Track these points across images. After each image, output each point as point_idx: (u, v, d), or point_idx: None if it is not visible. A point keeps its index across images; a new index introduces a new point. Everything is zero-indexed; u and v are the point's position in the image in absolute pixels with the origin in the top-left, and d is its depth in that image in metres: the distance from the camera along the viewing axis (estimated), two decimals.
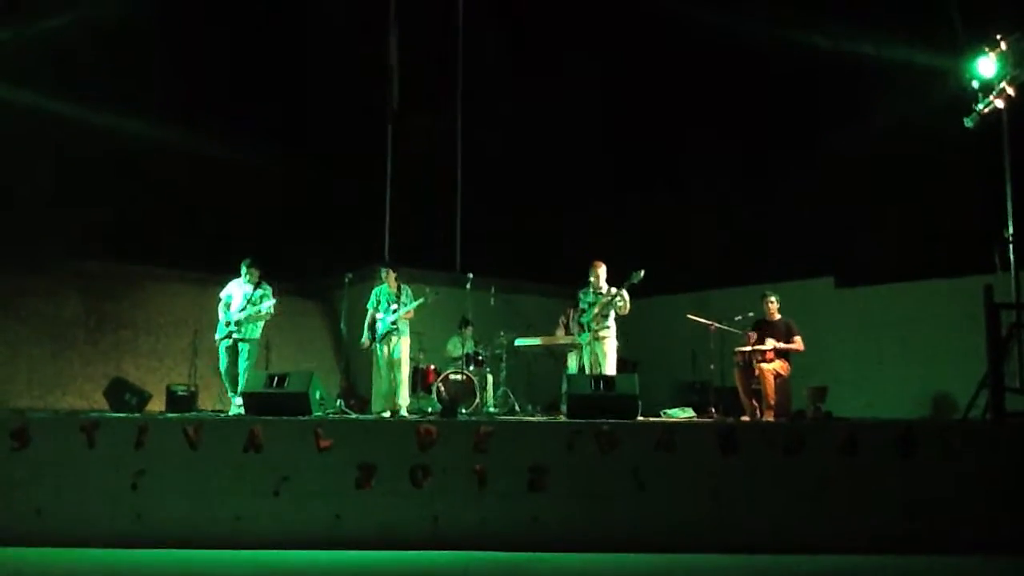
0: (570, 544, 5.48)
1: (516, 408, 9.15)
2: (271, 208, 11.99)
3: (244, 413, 6.77)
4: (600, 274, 8.17)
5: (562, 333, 9.05)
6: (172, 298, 11.31)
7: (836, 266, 10.69)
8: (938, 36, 8.30)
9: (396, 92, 12.34)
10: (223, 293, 8.08)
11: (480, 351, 9.76)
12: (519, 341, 9.19)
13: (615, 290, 7.98)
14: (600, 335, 8.05)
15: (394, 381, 8.12)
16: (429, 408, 8.98)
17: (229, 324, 7.89)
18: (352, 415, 8.10)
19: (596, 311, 8.03)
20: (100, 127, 10.67)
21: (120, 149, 10.80)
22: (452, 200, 12.59)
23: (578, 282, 8.61)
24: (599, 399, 6.40)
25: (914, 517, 5.50)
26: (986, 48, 6.85)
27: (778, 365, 7.88)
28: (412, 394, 8.70)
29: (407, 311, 8.17)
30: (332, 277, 10.20)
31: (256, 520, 5.59)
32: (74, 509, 5.63)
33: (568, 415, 6.50)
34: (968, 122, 6.92)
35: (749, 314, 8.39)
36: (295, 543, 5.50)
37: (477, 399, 9.10)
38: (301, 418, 6.18)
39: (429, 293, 8.25)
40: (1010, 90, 6.65)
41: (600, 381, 6.65)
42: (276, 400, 6.43)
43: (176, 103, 11.15)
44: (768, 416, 7.68)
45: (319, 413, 6.71)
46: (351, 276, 9.15)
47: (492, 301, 9.88)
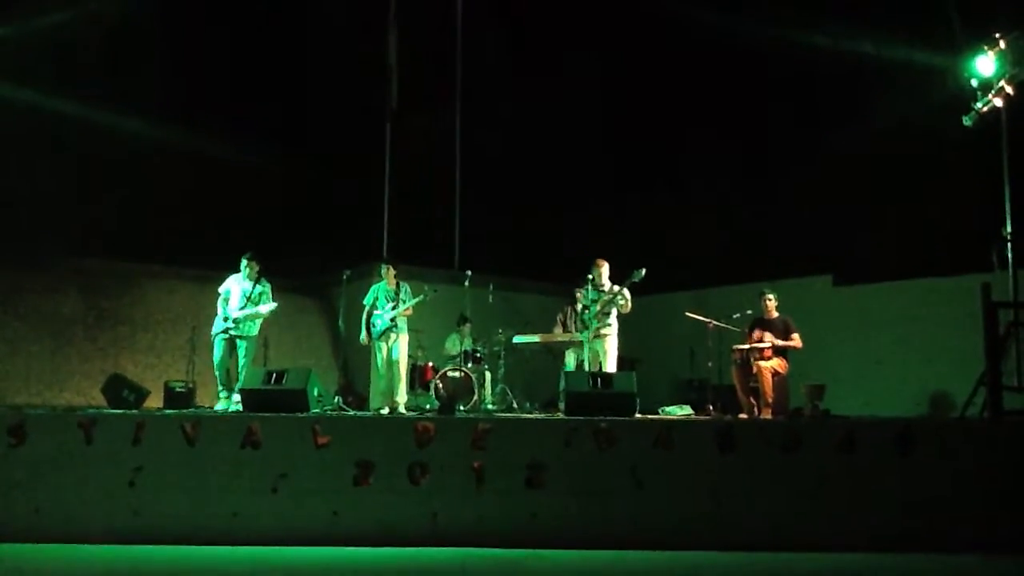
0: (568, 541, 5.49)
1: (514, 405, 9.15)
2: (270, 206, 11.97)
3: (241, 409, 6.77)
4: (603, 272, 8.17)
5: (560, 331, 9.05)
6: (170, 295, 11.32)
7: (834, 264, 10.70)
8: (937, 35, 8.31)
9: (395, 92, 12.35)
10: (222, 288, 8.05)
11: (478, 348, 9.76)
12: (517, 338, 9.18)
13: (617, 288, 7.98)
14: (602, 333, 8.05)
15: (393, 378, 8.11)
16: (427, 405, 8.98)
17: (227, 320, 7.88)
18: (350, 412, 8.09)
19: (598, 309, 8.03)
20: (100, 125, 10.68)
21: (120, 147, 10.80)
22: (451, 198, 12.59)
23: (577, 281, 8.61)
24: (597, 396, 6.39)
25: (912, 515, 5.51)
26: (985, 47, 6.87)
27: (776, 363, 7.89)
28: (410, 391, 8.69)
29: (406, 308, 8.16)
30: (330, 275, 10.19)
31: (254, 517, 5.59)
32: (72, 506, 5.62)
33: (566, 412, 6.49)
34: (967, 121, 6.93)
35: (747, 312, 8.40)
36: (293, 539, 5.50)
37: (475, 396, 9.10)
38: (299, 415, 6.19)
39: (428, 290, 8.24)
40: (1009, 89, 6.66)
41: (598, 379, 6.64)
42: (274, 397, 6.42)
43: (176, 101, 11.14)
44: (766, 414, 7.69)
45: (317, 410, 6.70)
46: (349, 273, 9.14)
47: (490, 299, 9.88)
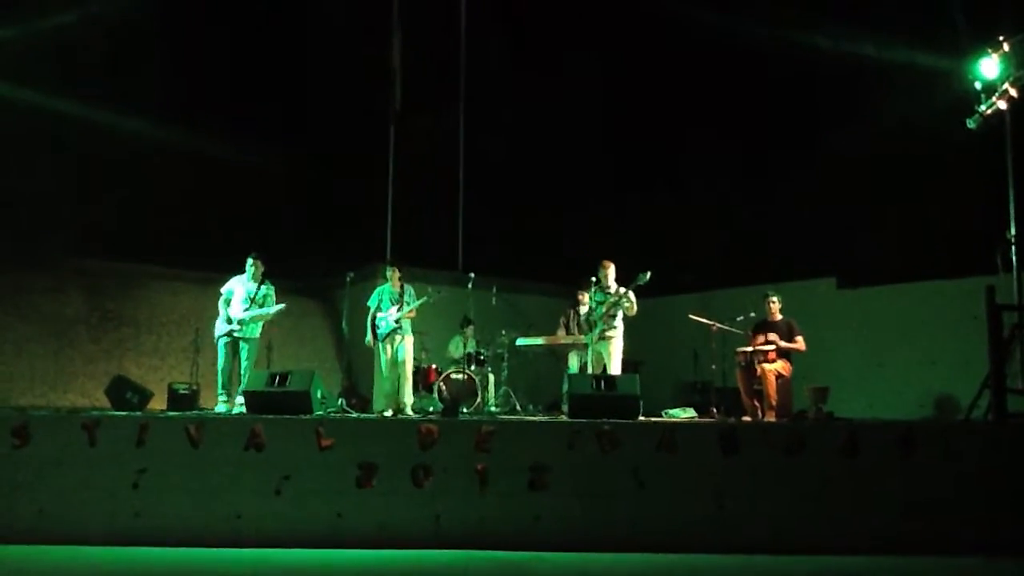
0: (571, 544, 5.48)
1: (517, 407, 9.15)
2: (273, 207, 12.00)
3: (243, 411, 6.77)
4: (609, 273, 8.18)
5: (563, 333, 9.05)
6: (174, 296, 11.33)
7: (838, 267, 10.67)
8: (941, 37, 8.30)
9: (399, 93, 12.36)
10: (224, 289, 8.04)
11: (481, 351, 9.76)
12: (520, 341, 9.18)
13: (622, 290, 7.98)
14: (607, 335, 8.05)
15: (399, 380, 8.13)
16: (431, 407, 8.98)
17: (231, 322, 7.87)
18: (353, 414, 8.08)
19: (604, 311, 8.03)
20: (102, 125, 10.69)
21: (123, 148, 10.82)
22: (454, 200, 12.59)
23: (579, 282, 8.61)
24: (600, 399, 6.39)
25: (915, 518, 5.49)
26: (989, 49, 6.85)
27: (780, 365, 7.88)
28: (413, 393, 8.70)
29: (410, 310, 8.18)
30: (334, 277, 10.20)
31: (257, 518, 5.59)
32: (75, 507, 5.62)
33: (569, 415, 6.49)
34: (971, 123, 6.91)
35: (751, 314, 8.39)
36: (296, 542, 5.50)
37: (478, 398, 9.11)
38: (302, 417, 6.19)
39: (432, 292, 8.26)
40: (1013, 91, 6.64)
41: (601, 381, 6.64)
42: (278, 399, 6.43)
43: (179, 102, 11.16)
44: (769, 416, 7.68)
45: (320, 412, 6.71)
46: (352, 275, 9.15)
47: (494, 301, 9.88)
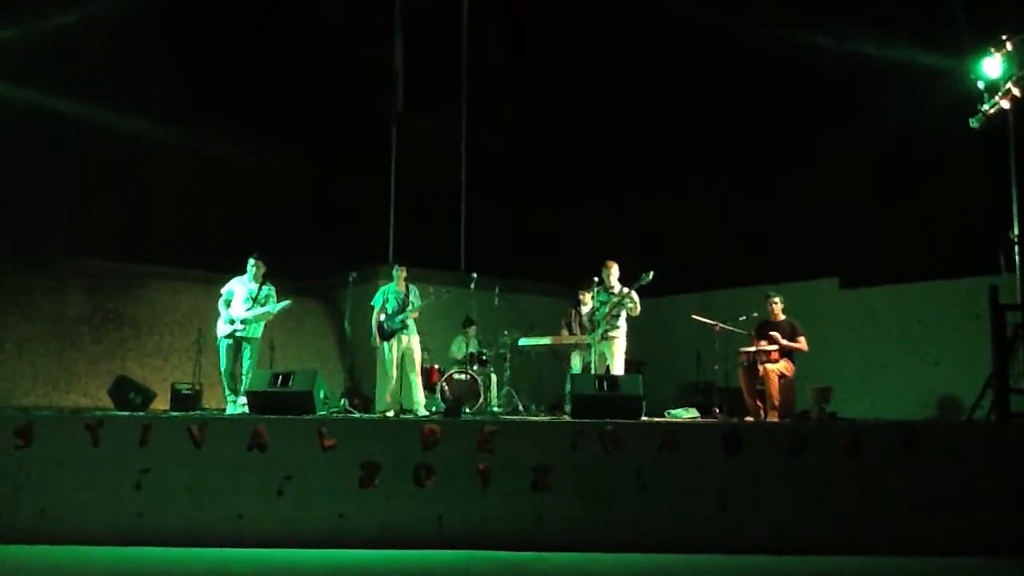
0: (573, 544, 5.48)
1: (520, 408, 9.14)
2: (275, 207, 12.02)
3: (248, 412, 6.77)
4: (612, 272, 8.16)
5: (566, 333, 9.04)
6: (176, 297, 11.34)
7: (841, 267, 10.67)
8: (943, 36, 8.29)
9: (401, 94, 12.36)
10: (224, 289, 8.02)
11: (484, 351, 9.76)
12: (523, 341, 9.18)
13: (626, 290, 7.97)
14: (610, 335, 8.04)
15: (409, 381, 8.18)
16: (433, 408, 8.98)
17: (234, 323, 7.86)
18: (356, 414, 8.09)
19: (607, 310, 8.02)
20: (102, 125, 10.70)
21: (123, 147, 10.83)
22: (456, 200, 12.59)
23: (579, 282, 8.60)
24: (603, 399, 6.38)
25: (918, 518, 5.49)
26: (992, 49, 6.83)
27: (782, 366, 7.87)
28: None
29: (415, 310, 8.21)
30: (336, 276, 10.20)
31: (259, 519, 5.59)
32: (78, 507, 5.63)
33: (572, 415, 6.49)
34: (973, 123, 6.89)
35: (754, 315, 8.38)
36: (298, 542, 5.50)
37: (481, 399, 9.11)
38: (305, 417, 6.19)
39: (440, 293, 8.33)
40: (1016, 91, 6.62)
41: (604, 381, 6.63)
42: (280, 399, 6.42)
43: (181, 102, 11.18)
44: (772, 417, 7.67)
45: (323, 412, 6.71)
46: (355, 275, 9.15)
47: (496, 301, 9.87)
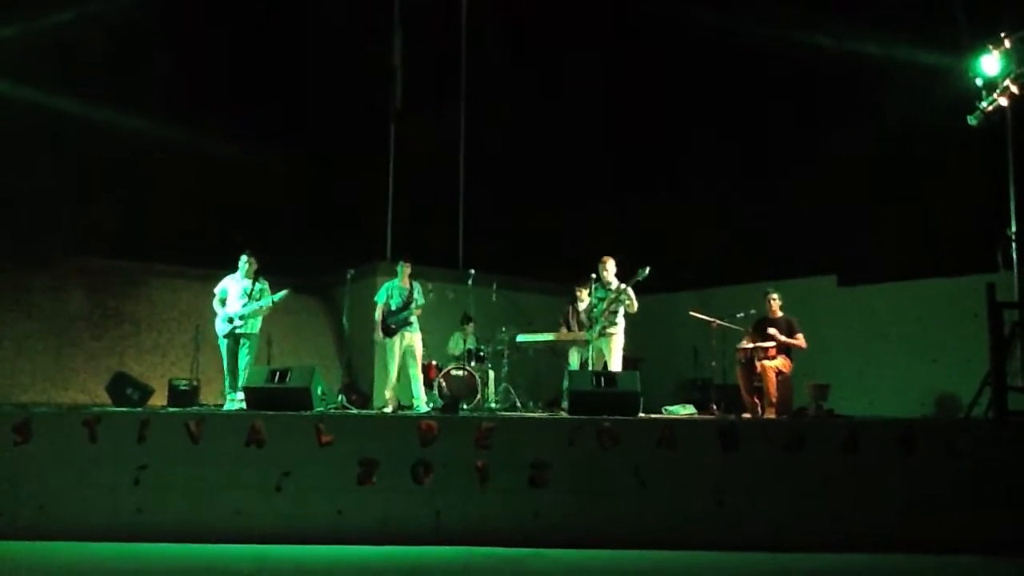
0: (571, 540, 5.49)
1: (517, 404, 9.15)
2: (274, 205, 12.01)
3: (245, 408, 6.78)
4: (609, 268, 8.17)
5: (564, 330, 9.05)
6: (175, 294, 11.34)
7: (839, 265, 10.67)
8: (942, 34, 8.29)
9: (399, 91, 12.36)
10: (218, 288, 8.06)
11: (482, 347, 9.76)
12: (521, 337, 9.18)
13: (623, 286, 7.97)
14: (608, 332, 8.04)
15: (407, 377, 8.21)
16: (431, 404, 8.99)
17: (232, 320, 7.89)
18: (354, 410, 8.09)
19: (604, 307, 8.02)
20: (103, 124, 10.70)
21: (123, 147, 10.83)
22: (454, 198, 12.60)
23: (578, 280, 8.60)
24: (601, 395, 6.39)
25: (915, 516, 5.50)
26: (990, 46, 6.84)
27: (780, 363, 7.88)
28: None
29: (419, 307, 8.24)
30: (334, 274, 10.21)
31: (257, 515, 5.60)
32: (76, 503, 5.64)
33: (570, 411, 6.49)
34: (972, 120, 6.89)
35: (751, 312, 8.39)
36: (296, 538, 5.51)
37: (479, 395, 9.11)
38: (303, 413, 6.20)
39: (447, 291, 8.36)
40: (1014, 88, 6.63)
41: (602, 378, 6.63)
42: (278, 395, 6.44)
43: (181, 101, 11.18)
44: (770, 413, 7.68)
45: (321, 408, 6.70)
46: (353, 272, 9.16)
47: (494, 297, 9.87)
